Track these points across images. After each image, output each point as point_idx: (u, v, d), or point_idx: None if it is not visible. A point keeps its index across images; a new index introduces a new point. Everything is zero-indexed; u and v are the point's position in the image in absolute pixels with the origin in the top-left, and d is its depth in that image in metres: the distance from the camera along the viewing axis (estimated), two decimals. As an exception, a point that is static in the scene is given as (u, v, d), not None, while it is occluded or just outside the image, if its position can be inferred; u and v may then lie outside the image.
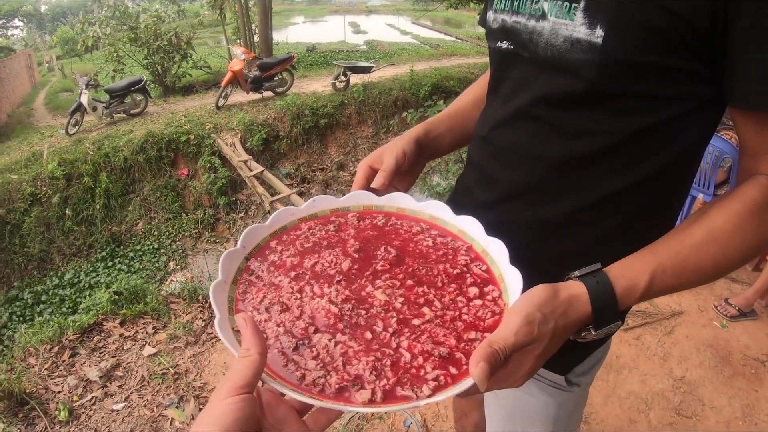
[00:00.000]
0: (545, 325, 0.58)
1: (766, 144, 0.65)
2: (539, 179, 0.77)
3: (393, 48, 21.95)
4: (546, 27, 0.70)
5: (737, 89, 0.62)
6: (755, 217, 0.64)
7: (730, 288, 3.08)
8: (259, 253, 0.73)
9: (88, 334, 3.18)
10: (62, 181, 7.33)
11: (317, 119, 8.92)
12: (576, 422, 1.03)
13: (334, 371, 0.55)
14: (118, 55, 12.20)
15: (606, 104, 0.68)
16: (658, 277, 0.64)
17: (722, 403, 2.31)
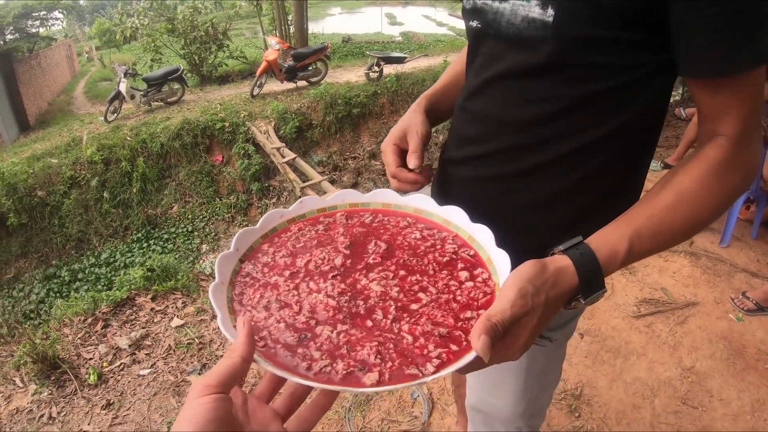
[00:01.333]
0: (537, 297, 0.62)
1: (719, 107, 0.69)
2: (506, 139, 0.84)
3: (428, 39, 21.81)
4: (507, 8, 0.76)
5: (686, 59, 0.67)
6: (719, 175, 0.69)
7: (749, 282, 3.01)
8: (251, 255, 0.76)
9: (121, 307, 3.33)
10: (100, 165, 7.59)
11: (350, 108, 8.96)
12: (552, 378, 1.09)
13: (339, 358, 0.58)
14: (156, 46, 12.45)
15: (560, 74, 0.74)
16: (636, 242, 0.69)
17: (731, 395, 2.27)
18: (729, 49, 0.63)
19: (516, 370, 1.02)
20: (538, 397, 1.08)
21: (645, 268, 3.12)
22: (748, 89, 0.67)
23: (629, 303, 2.81)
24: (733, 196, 0.72)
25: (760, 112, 0.70)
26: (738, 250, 3.35)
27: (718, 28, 0.63)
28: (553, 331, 0.98)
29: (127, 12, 13.71)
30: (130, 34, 12.87)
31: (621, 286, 2.96)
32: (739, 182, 0.71)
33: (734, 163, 0.69)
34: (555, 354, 1.04)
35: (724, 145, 0.69)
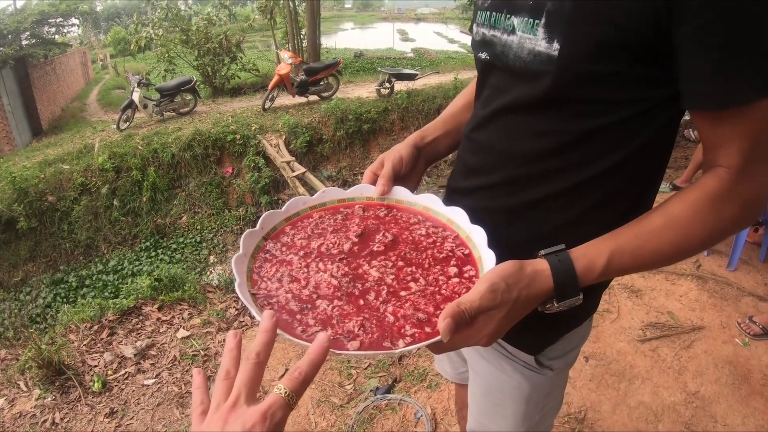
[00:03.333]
0: (508, 293, 0.68)
1: (720, 139, 0.70)
2: (509, 172, 0.86)
3: (440, 56, 21.95)
4: (515, 41, 0.78)
5: (687, 91, 0.69)
6: (714, 205, 0.70)
7: (757, 306, 2.99)
8: (274, 235, 0.86)
9: (127, 316, 3.35)
10: (111, 173, 7.67)
11: (361, 124, 9.05)
12: (553, 405, 1.09)
13: (330, 327, 0.69)
14: (170, 56, 12.60)
15: (564, 108, 0.76)
16: (616, 258, 0.72)
17: (736, 421, 2.25)
18: (729, 81, 0.64)
19: (516, 397, 1.03)
20: (538, 424, 1.09)
21: (652, 291, 3.11)
22: (751, 122, 0.67)
23: (635, 327, 2.80)
24: (730, 228, 0.73)
25: (766, 143, 0.69)
26: (745, 274, 3.33)
27: (719, 60, 0.63)
28: (554, 360, 0.99)
29: (142, 21, 13.89)
30: (144, 43, 13.04)
31: (627, 309, 2.95)
32: (737, 214, 0.71)
33: (732, 194, 0.70)
34: (556, 382, 1.05)
35: (723, 176, 0.70)
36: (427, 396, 2.47)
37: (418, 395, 2.49)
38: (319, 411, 2.46)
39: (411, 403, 2.42)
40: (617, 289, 3.14)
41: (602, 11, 0.67)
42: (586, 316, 1.00)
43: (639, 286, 3.16)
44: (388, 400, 2.46)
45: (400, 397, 2.47)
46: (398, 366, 2.76)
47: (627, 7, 0.66)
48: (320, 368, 0.62)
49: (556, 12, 0.71)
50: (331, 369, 2.76)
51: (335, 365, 2.78)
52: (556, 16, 0.72)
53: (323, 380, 2.68)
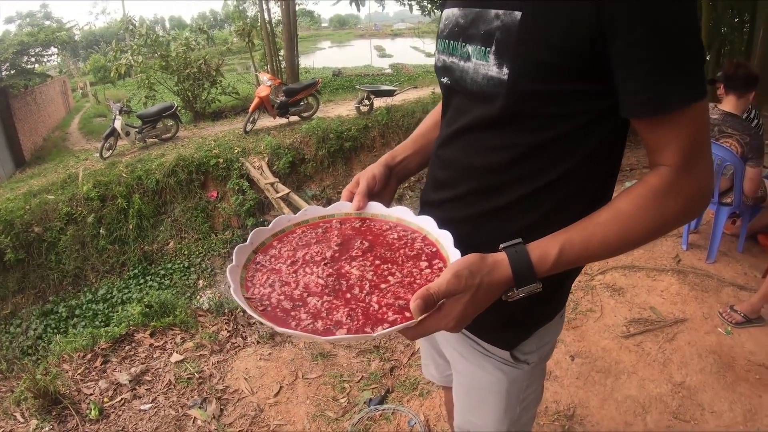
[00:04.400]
0: (471, 279, 0.75)
1: (658, 142, 0.77)
2: (472, 184, 0.93)
3: (417, 71, 22.18)
4: (470, 67, 0.86)
5: (623, 102, 0.76)
6: (656, 200, 0.77)
7: (737, 295, 3.06)
8: (263, 249, 0.94)
9: (120, 343, 3.34)
10: (97, 202, 7.67)
11: (342, 142, 9.14)
12: (532, 398, 1.15)
13: (320, 319, 0.77)
14: (150, 82, 12.63)
15: (516, 124, 0.84)
16: (567, 248, 0.79)
17: (723, 408, 2.30)
18: (662, 88, 0.71)
19: (497, 392, 1.08)
20: (520, 416, 1.14)
21: (633, 288, 3.18)
22: (687, 123, 0.74)
23: (618, 324, 2.86)
24: (674, 220, 0.80)
25: (705, 141, 0.77)
26: (725, 265, 3.41)
27: (649, 72, 0.70)
28: (529, 354, 1.05)
29: (120, 48, 13.92)
30: (125, 70, 13.06)
31: (610, 307, 3.01)
32: (679, 208, 0.78)
33: (674, 189, 0.77)
34: (533, 375, 1.10)
35: (664, 174, 0.77)
36: (419, 404, 2.51)
37: (410, 403, 2.53)
38: (315, 425, 2.48)
39: (404, 412, 2.46)
40: (599, 288, 3.20)
41: (543, 37, 0.75)
42: (554, 312, 1.07)
43: (621, 284, 3.23)
44: (382, 411, 2.50)
45: (393, 407, 2.51)
46: (390, 377, 2.80)
47: (565, 32, 0.73)
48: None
49: (504, 40, 0.79)
50: (325, 384, 2.79)
51: (328, 380, 2.81)
52: (503, 44, 0.79)
53: (317, 395, 2.71)
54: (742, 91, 3.18)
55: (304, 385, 2.79)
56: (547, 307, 1.04)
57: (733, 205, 3.31)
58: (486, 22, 0.83)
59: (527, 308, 0.93)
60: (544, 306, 1.03)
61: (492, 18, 0.81)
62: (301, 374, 2.88)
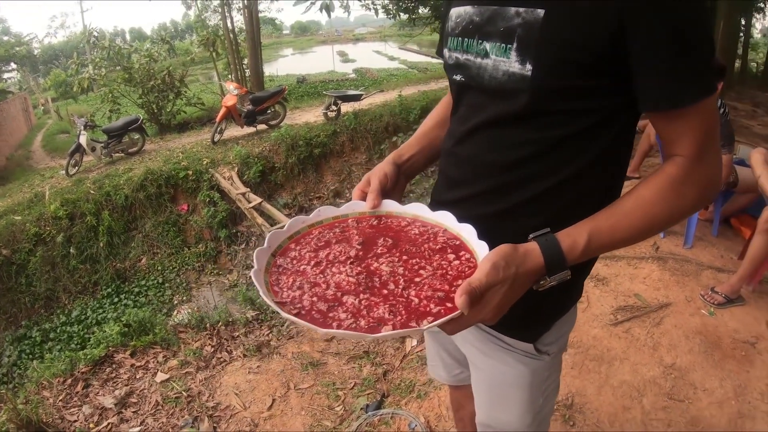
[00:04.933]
0: (508, 270, 0.77)
1: (676, 134, 0.81)
2: (492, 181, 0.94)
3: (382, 74, 22.29)
4: (489, 63, 0.88)
5: (644, 96, 0.79)
6: (675, 188, 0.82)
7: (716, 277, 3.16)
8: (281, 252, 0.93)
9: (100, 366, 3.26)
10: (65, 220, 7.46)
11: (311, 149, 9.09)
12: (552, 388, 1.17)
13: (362, 317, 0.76)
14: (114, 96, 12.42)
15: (538, 119, 0.86)
16: (595, 235, 0.82)
17: (714, 385, 2.38)
18: (679, 85, 0.75)
19: (521, 385, 1.10)
20: (542, 407, 1.16)
21: (616, 277, 3.24)
22: (700, 116, 0.78)
23: (606, 312, 2.91)
24: (690, 207, 0.84)
25: (715, 133, 0.82)
26: (702, 249, 3.52)
27: (669, 69, 0.75)
28: (550, 345, 1.07)
29: (81, 62, 13.61)
30: (87, 84, 12.78)
31: (596, 297, 3.06)
32: (695, 195, 0.83)
33: (690, 178, 0.81)
34: (553, 366, 1.13)
35: (681, 163, 0.81)
36: (418, 406, 2.50)
37: (409, 406, 2.52)
38: (314, 436, 2.46)
39: (404, 415, 2.44)
40: (584, 279, 3.25)
41: (567, 36, 0.78)
42: (572, 303, 1.09)
43: (604, 274, 3.29)
44: (381, 416, 2.48)
45: (391, 411, 2.49)
46: (384, 381, 2.79)
47: (588, 31, 0.76)
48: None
49: (527, 37, 0.81)
50: (318, 393, 2.76)
51: (321, 389, 2.78)
52: (526, 41, 0.81)
53: (312, 405, 2.68)
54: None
55: (297, 396, 2.76)
56: (566, 299, 1.07)
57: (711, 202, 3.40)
58: (505, 19, 0.84)
59: (548, 301, 0.96)
60: (564, 298, 1.06)
61: (512, 15, 0.83)
62: (292, 385, 2.85)
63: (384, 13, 8.27)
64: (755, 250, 2.80)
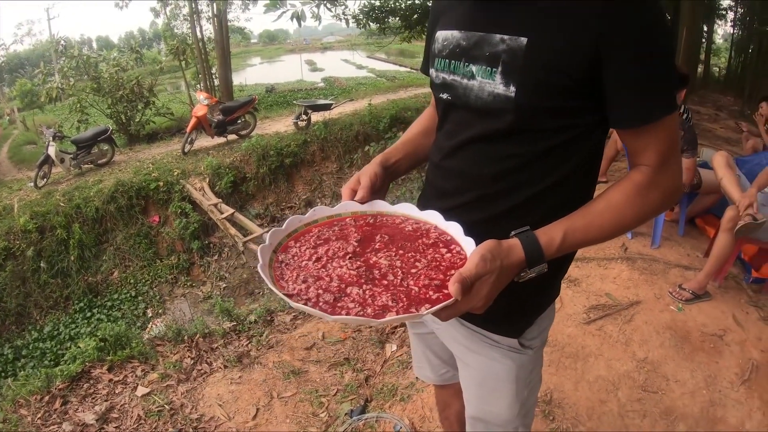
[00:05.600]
0: (494, 262, 0.86)
1: (642, 146, 0.92)
2: (480, 191, 1.04)
3: (350, 83, 22.35)
4: (475, 85, 0.97)
5: (614, 115, 0.91)
6: (640, 192, 0.93)
7: (683, 275, 3.29)
8: (282, 248, 0.99)
9: (77, 382, 3.20)
10: (35, 234, 7.32)
11: (282, 159, 9.13)
12: (536, 380, 1.26)
13: (368, 306, 0.83)
14: (82, 106, 12.21)
15: (520, 136, 0.96)
16: (569, 233, 0.92)
17: (685, 376, 2.49)
18: (646, 105, 0.87)
19: (508, 378, 1.18)
20: (527, 398, 1.24)
21: (587, 278, 3.35)
22: (663, 131, 0.89)
23: (579, 312, 3.02)
24: (655, 210, 0.96)
25: (676, 145, 0.93)
26: (669, 249, 3.66)
27: (637, 91, 0.86)
28: (533, 340, 1.16)
29: (49, 71, 13.32)
30: (56, 94, 12.51)
31: (569, 298, 3.16)
32: (659, 199, 0.94)
33: (654, 184, 0.93)
34: (536, 359, 1.22)
35: (645, 171, 0.92)
36: (401, 408, 2.55)
37: (393, 409, 2.56)
38: (299, 444, 2.48)
39: (388, 418, 2.49)
40: (557, 281, 3.35)
41: (547, 62, 0.87)
42: (551, 300, 1.19)
43: (575, 275, 3.40)
44: (366, 420, 2.52)
45: (376, 415, 2.53)
46: (366, 386, 2.83)
47: (567, 58, 0.86)
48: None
49: (511, 62, 0.91)
50: (302, 401, 2.78)
51: (305, 397, 2.81)
52: (510, 66, 0.91)
53: (296, 413, 2.70)
54: (674, 90, 3.44)
55: (280, 405, 2.78)
56: (546, 296, 1.16)
57: (675, 204, 3.56)
58: (491, 45, 0.94)
59: (530, 299, 1.07)
60: (544, 295, 1.15)
61: (497, 42, 0.93)
62: (275, 394, 2.86)
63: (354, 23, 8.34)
64: (719, 248, 2.94)
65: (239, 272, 7.68)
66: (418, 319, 0.94)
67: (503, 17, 0.93)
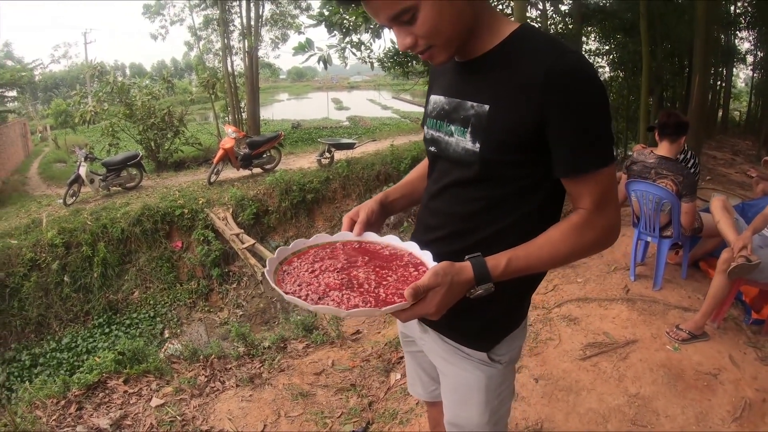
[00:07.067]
0: (446, 277, 1.04)
1: (577, 192, 1.11)
2: (454, 227, 1.25)
3: (374, 123, 22.75)
4: (453, 141, 1.19)
5: (554, 167, 1.09)
6: (576, 230, 1.10)
7: (682, 316, 3.34)
8: (287, 262, 1.22)
9: (93, 390, 3.30)
10: (61, 248, 7.60)
11: (304, 194, 9.39)
12: (507, 392, 1.41)
13: (343, 305, 1.04)
14: (114, 130, 12.68)
15: (485, 183, 1.16)
16: (513, 260, 1.09)
17: (676, 412, 2.54)
18: (578, 159, 1.05)
19: (478, 387, 1.34)
20: (497, 408, 1.39)
21: (587, 317, 3.43)
22: (595, 181, 1.07)
23: (575, 348, 3.10)
24: (590, 247, 1.13)
25: (611, 192, 1.10)
26: (670, 291, 3.72)
27: (571, 149, 1.05)
28: (502, 356, 1.33)
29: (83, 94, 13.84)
30: (89, 117, 13.01)
31: (567, 335, 3.24)
32: (594, 237, 1.11)
33: (589, 224, 1.10)
34: (506, 374, 1.38)
35: (582, 213, 1.10)
36: (400, 430, 2.65)
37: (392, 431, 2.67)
38: (302, 458, 2.58)
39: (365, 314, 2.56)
40: (557, 320, 3.44)
41: (503, 124, 1.08)
42: (519, 322, 1.36)
43: (575, 314, 3.48)
44: (366, 439, 2.63)
45: (376, 435, 2.64)
46: (369, 411, 2.95)
47: (518, 121, 1.05)
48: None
49: (477, 124, 1.12)
50: (307, 420, 2.89)
51: (310, 417, 2.92)
52: (476, 126, 1.12)
53: (301, 431, 2.81)
54: (674, 137, 3.61)
55: (287, 423, 2.89)
56: (513, 318, 1.34)
57: (673, 237, 3.66)
58: (464, 110, 1.16)
59: (498, 319, 1.29)
60: (510, 317, 1.34)
61: (468, 107, 1.14)
62: (283, 413, 2.97)
63: (379, 66, 8.70)
64: (715, 289, 3.02)
65: (256, 301, 7.84)
66: (378, 315, 1.14)
67: (474, 88, 1.14)
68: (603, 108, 1.05)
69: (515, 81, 1.06)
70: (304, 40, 5.80)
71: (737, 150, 11.09)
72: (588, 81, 1.02)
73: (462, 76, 1.19)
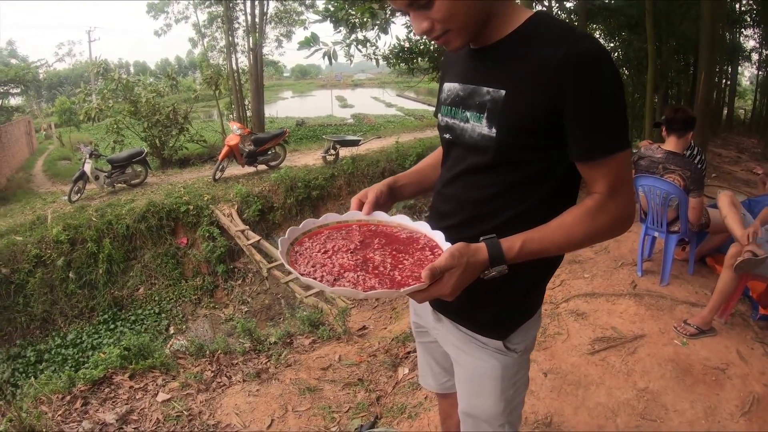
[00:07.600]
0: (461, 258, 1.04)
1: (592, 177, 1.11)
2: (468, 213, 1.25)
3: (379, 120, 22.77)
4: (469, 127, 1.19)
5: (570, 152, 1.09)
6: (589, 215, 1.11)
7: (690, 311, 3.33)
8: (298, 243, 1.21)
9: (98, 386, 3.30)
10: (66, 245, 7.63)
11: (309, 191, 9.43)
12: (521, 382, 1.40)
13: (359, 286, 1.04)
14: (119, 127, 12.71)
15: (500, 168, 1.16)
16: (527, 243, 1.09)
17: (685, 406, 2.54)
18: (593, 144, 1.06)
19: (493, 376, 1.34)
20: (512, 398, 1.38)
21: (595, 312, 3.43)
22: (611, 166, 1.07)
23: (584, 343, 3.09)
24: (603, 232, 1.13)
25: (625, 178, 1.10)
26: (677, 286, 3.71)
27: (586, 133, 1.05)
28: (517, 345, 1.33)
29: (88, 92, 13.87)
30: (94, 114, 13.04)
31: (575, 330, 3.24)
32: (607, 223, 1.11)
33: (602, 209, 1.10)
34: (521, 362, 1.37)
35: (596, 198, 1.10)
36: (409, 425, 2.64)
37: (400, 426, 2.66)
38: (309, 453, 2.58)
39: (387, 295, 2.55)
40: (565, 314, 3.44)
41: (519, 108, 1.08)
42: (534, 311, 1.36)
43: (583, 309, 3.48)
44: (374, 433, 2.62)
45: (384, 430, 2.63)
46: (377, 405, 2.94)
47: (534, 105, 1.06)
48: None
49: (493, 109, 1.12)
50: (315, 415, 2.89)
51: (318, 412, 2.91)
52: (493, 112, 1.12)
53: (309, 425, 2.80)
54: (682, 132, 3.60)
55: (294, 417, 2.88)
56: (527, 307, 1.34)
57: (680, 232, 3.65)
58: (480, 95, 1.16)
59: (513, 308, 1.29)
60: (526, 306, 1.33)
61: (484, 93, 1.15)
62: (290, 408, 2.97)
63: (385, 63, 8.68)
64: (722, 284, 3.01)
65: (262, 297, 7.87)
66: (395, 296, 1.14)
67: (489, 74, 1.15)
68: (618, 94, 1.05)
69: (531, 66, 1.06)
70: (309, 35, 5.77)
71: (742, 148, 11.07)
72: (604, 66, 1.02)
73: (477, 63, 1.19)
